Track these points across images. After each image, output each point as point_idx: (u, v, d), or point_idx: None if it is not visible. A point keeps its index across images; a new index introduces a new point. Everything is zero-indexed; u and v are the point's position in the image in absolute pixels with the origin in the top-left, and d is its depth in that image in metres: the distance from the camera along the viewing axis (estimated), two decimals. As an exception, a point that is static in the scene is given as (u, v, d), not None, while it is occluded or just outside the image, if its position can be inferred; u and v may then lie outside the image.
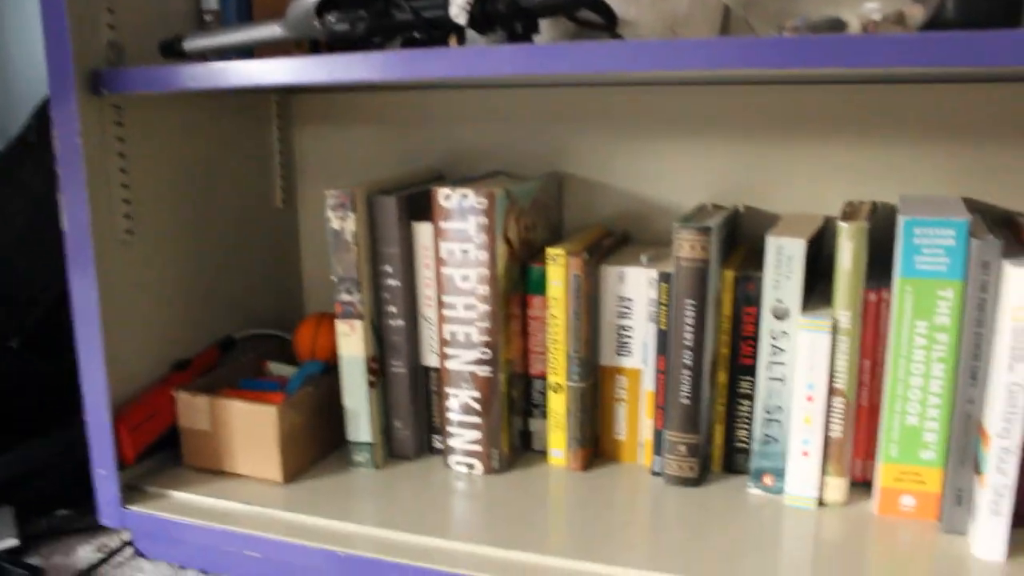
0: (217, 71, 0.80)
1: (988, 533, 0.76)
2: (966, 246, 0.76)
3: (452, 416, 0.91)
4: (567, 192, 1.07)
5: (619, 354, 0.91)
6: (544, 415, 0.95)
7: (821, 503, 0.85)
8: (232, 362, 1.03)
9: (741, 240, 1.01)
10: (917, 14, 0.74)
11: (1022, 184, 0.92)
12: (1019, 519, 0.80)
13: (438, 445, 0.97)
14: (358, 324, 0.91)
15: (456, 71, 0.73)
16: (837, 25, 0.73)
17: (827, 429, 0.83)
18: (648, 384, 0.90)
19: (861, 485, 0.87)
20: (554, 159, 1.07)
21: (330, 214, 0.89)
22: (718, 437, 0.90)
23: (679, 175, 1.02)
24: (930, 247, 0.77)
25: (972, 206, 0.94)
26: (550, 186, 1.02)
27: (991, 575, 0.74)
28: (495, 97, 1.07)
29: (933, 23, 0.79)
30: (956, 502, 0.79)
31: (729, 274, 0.85)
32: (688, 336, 0.84)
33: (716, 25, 0.88)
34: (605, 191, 1.05)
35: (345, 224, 0.89)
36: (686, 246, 0.83)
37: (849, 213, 0.85)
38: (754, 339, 0.86)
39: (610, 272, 0.89)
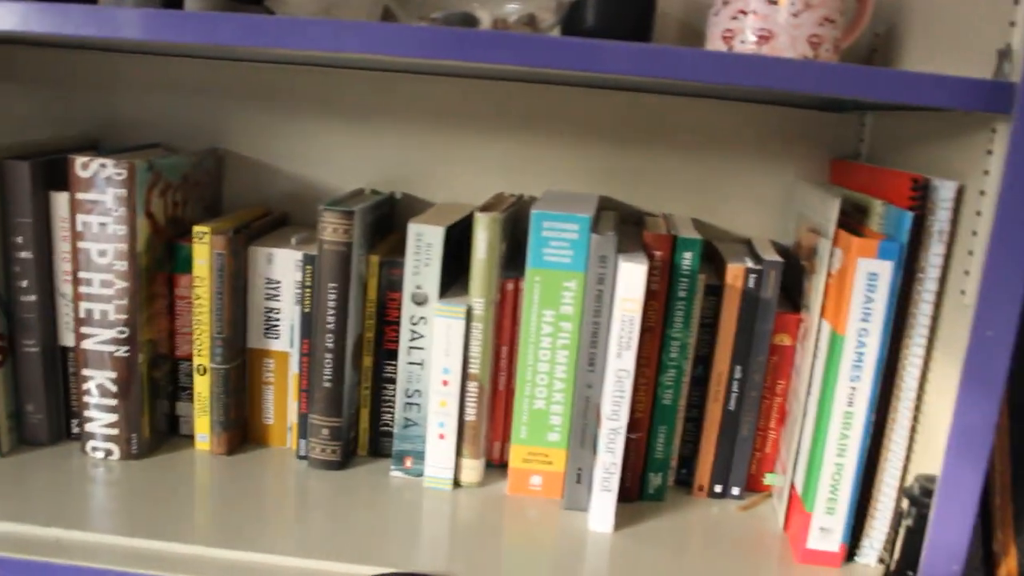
0: None
1: (600, 508, 0.81)
2: (588, 240, 0.81)
3: (89, 399, 0.86)
4: (229, 170, 1.04)
5: (267, 336, 0.90)
6: (191, 398, 0.92)
7: (457, 484, 0.88)
8: None
9: (397, 227, 1.02)
10: (548, 18, 0.78)
11: (655, 186, 1.00)
12: (624, 494, 0.87)
13: (76, 431, 0.92)
14: (-17, 299, 0.84)
15: (78, 30, 0.68)
16: (470, 21, 0.75)
17: (462, 413, 0.86)
18: (295, 367, 0.90)
19: (501, 467, 0.91)
20: (218, 135, 1.03)
21: (-47, 178, 0.82)
22: (364, 421, 0.91)
23: (342, 159, 1.02)
24: (556, 240, 0.81)
25: (608, 204, 1.00)
26: (207, 162, 0.99)
27: (600, 545, 0.79)
28: (158, 65, 1.02)
29: (572, 30, 0.84)
30: (576, 480, 0.85)
31: (375, 259, 0.86)
32: (331, 319, 0.84)
33: (375, 14, 0.88)
34: (268, 171, 1.03)
35: (-31, 190, 0.82)
36: (329, 229, 0.83)
37: (490, 204, 0.88)
38: (398, 324, 0.88)
39: (259, 253, 0.88)
